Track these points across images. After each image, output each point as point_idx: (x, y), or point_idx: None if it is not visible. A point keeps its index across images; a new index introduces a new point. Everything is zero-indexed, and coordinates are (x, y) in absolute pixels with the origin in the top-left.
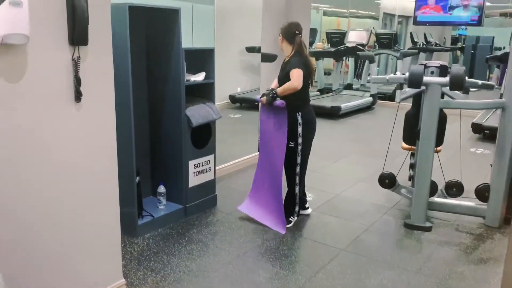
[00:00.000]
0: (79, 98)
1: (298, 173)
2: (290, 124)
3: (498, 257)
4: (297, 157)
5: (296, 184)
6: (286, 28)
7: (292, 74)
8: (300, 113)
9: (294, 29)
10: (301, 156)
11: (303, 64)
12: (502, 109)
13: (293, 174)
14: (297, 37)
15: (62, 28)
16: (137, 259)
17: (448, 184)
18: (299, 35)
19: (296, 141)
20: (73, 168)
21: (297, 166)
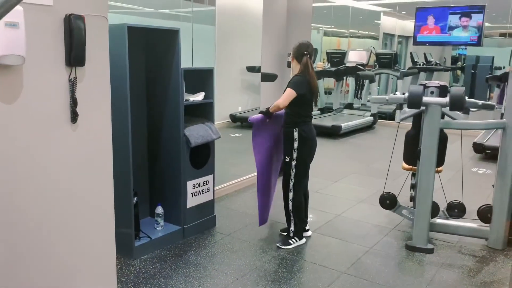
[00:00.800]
0: (75, 118)
1: (291, 189)
2: (287, 139)
3: (502, 280)
4: (291, 172)
5: (289, 200)
6: (296, 48)
7: (284, 93)
8: (297, 129)
9: (303, 50)
10: (295, 172)
11: (302, 84)
12: (503, 129)
13: (287, 189)
14: (304, 57)
15: (59, 49)
16: (133, 281)
17: (450, 205)
18: (307, 55)
19: (291, 156)
20: (69, 189)
21: (290, 182)
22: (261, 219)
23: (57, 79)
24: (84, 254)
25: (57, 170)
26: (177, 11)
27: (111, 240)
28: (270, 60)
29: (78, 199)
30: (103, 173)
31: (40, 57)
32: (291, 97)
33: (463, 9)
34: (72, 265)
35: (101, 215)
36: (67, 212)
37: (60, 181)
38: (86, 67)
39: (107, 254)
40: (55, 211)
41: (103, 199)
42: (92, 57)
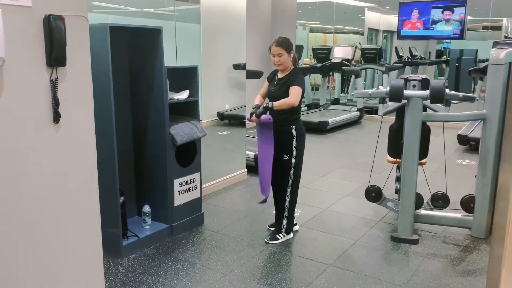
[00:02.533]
0: (57, 119)
1: (289, 186)
2: (285, 137)
3: (485, 268)
4: (290, 170)
5: (287, 196)
6: (288, 42)
7: (293, 91)
8: (294, 126)
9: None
10: (294, 169)
11: (304, 80)
12: (484, 120)
13: (285, 186)
14: (293, 53)
15: (39, 49)
16: (122, 280)
17: (434, 196)
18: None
19: (291, 154)
20: (52, 190)
21: (289, 179)
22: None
23: (38, 80)
24: (70, 255)
25: (40, 171)
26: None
27: (97, 240)
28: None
29: (62, 200)
30: (88, 173)
31: (20, 58)
32: (300, 95)
33: (445, 3)
34: (58, 266)
35: (87, 216)
36: (52, 213)
37: (44, 183)
38: (67, 67)
39: (93, 254)
40: (39, 212)
41: (88, 200)
42: (73, 57)
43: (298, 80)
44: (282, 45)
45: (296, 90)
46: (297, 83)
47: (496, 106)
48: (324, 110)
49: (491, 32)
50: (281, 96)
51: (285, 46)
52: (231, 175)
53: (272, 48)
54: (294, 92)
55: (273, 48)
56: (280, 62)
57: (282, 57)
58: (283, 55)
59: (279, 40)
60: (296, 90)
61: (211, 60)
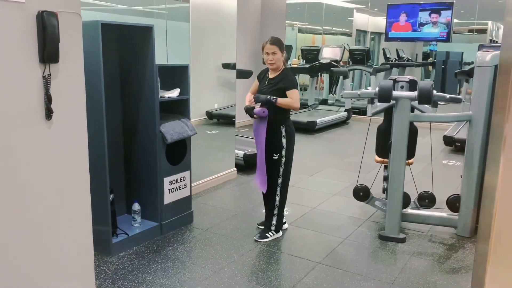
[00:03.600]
0: (50, 115)
1: (279, 185)
2: (274, 136)
3: (470, 265)
4: (280, 169)
5: (277, 195)
6: (282, 42)
7: (293, 96)
8: (284, 126)
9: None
10: (284, 168)
11: (297, 82)
12: (470, 121)
13: (275, 185)
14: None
15: (32, 45)
16: (112, 278)
17: (421, 196)
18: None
19: (280, 153)
20: (44, 186)
21: (279, 178)
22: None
23: (30, 76)
24: (61, 252)
25: (32, 167)
26: (151, 8)
27: (88, 237)
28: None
29: (54, 197)
30: (79, 169)
31: (12, 54)
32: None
33: (432, 6)
34: (49, 263)
35: (78, 212)
36: (43, 209)
37: (36, 179)
38: (60, 64)
39: (84, 251)
40: (30, 208)
41: (80, 196)
42: (66, 54)
43: (293, 83)
44: (276, 43)
45: (296, 95)
46: (294, 86)
47: (482, 108)
48: (312, 110)
49: (476, 35)
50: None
51: (279, 45)
52: (220, 174)
53: (267, 46)
54: (295, 96)
55: (268, 46)
56: (274, 61)
57: (276, 56)
58: (277, 53)
59: (273, 39)
60: (296, 95)
61: (200, 59)
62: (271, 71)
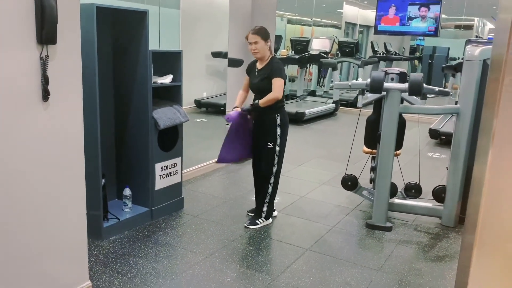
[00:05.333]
0: (46, 97)
1: (273, 173)
2: (269, 125)
3: (453, 254)
4: (275, 158)
5: (270, 184)
6: (265, 31)
7: (275, 84)
8: (279, 114)
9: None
10: (278, 156)
11: (283, 68)
12: (457, 114)
13: (269, 174)
14: (270, 41)
15: (30, 26)
16: (103, 261)
17: (407, 186)
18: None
19: (275, 142)
20: (40, 167)
21: (274, 166)
22: (224, 157)
23: (28, 57)
24: (56, 235)
25: (28, 148)
26: None
27: (82, 219)
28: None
29: (49, 178)
30: (75, 151)
31: (10, 35)
32: (283, 86)
33: (421, 0)
34: (44, 244)
35: (73, 194)
36: (37, 190)
37: (32, 160)
38: (58, 45)
39: (78, 234)
40: (26, 189)
41: (75, 178)
42: (63, 35)
43: (278, 71)
44: (258, 33)
45: (278, 82)
46: (278, 74)
47: (470, 101)
48: (301, 101)
49: (463, 31)
50: (265, 88)
51: (261, 33)
52: (210, 161)
53: (249, 36)
54: (277, 84)
55: (250, 36)
56: (257, 50)
57: (258, 45)
58: (259, 43)
59: (256, 28)
60: (278, 82)
61: (190, 46)
62: (259, 61)
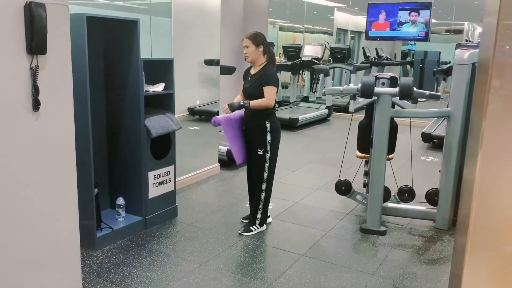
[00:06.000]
0: (37, 107)
1: (265, 180)
2: (259, 132)
3: (447, 257)
4: (265, 164)
5: (262, 191)
6: (257, 36)
7: (268, 91)
8: (269, 121)
9: (268, 43)
10: (269, 163)
11: (277, 76)
12: (448, 117)
13: (260, 180)
14: (270, 50)
15: (20, 36)
16: (97, 271)
17: (401, 190)
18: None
19: (265, 148)
20: (31, 178)
21: (264, 173)
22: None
23: (18, 67)
24: (48, 245)
25: (19, 159)
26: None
27: (75, 230)
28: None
29: (41, 189)
30: (66, 161)
31: (0, 45)
32: (275, 94)
33: (411, 6)
34: (36, 255)
35: (65, 205)
36: (30, 202)
37: (22, 170)
38: (48, 55)
39: (71, 244)
40: (17, 201)
41: (67, 188)
42: (53, 46)
43: (271, 79)
44: (250, 37)
45: (270, 90)
46: (271, 83)
47: (460, 104)
48: (294, 107)
49: (453, 35)
50: (255, 94)
51: (252, 39)
52: (204, 169)
53: (243, 40)
54: (269, 92)
55: (243, 40)
56: (248, 54)
57: (249, 49)
58: (250, 47)
59: (250, 33)
60: (270, 90)
61: (182, 55)
62: (253, 67)
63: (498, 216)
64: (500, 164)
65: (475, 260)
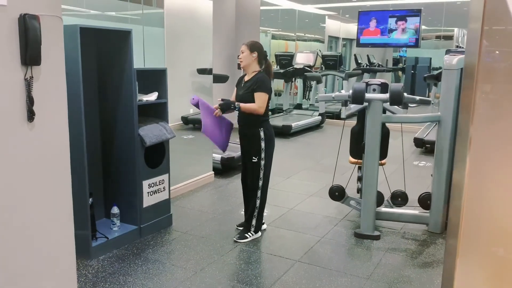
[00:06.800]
0: (32, 117)
1: (260, 187)
2: (253, 140)
3: (441, 260)
4: (260, 172)
5: (257, 198)
6: (254, 45)
7: (258, 98)
8: (262, 128)
9: (264, 52)
10: (263, 170)
11: (269, 84)
12: (438, 122)
13: (256, 188)
14: (267, 61)
15: (14, 48)
16: (92, 281)
17: (394, 195)
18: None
19: (260, 156)
20: (26, 188)
21: (259, 180)
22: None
23: (13, 78)
24: (43, 256)
25: (13, 170)
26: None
27: (70, 239)
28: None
29: (36, 199)
30: (61, 171)
31: None
32: (267, 101)
33: (401, 13)
34: (31, 265)
35: (60, 215)
36: (24, 212)
37: (17, 181)
38: (42, 66)
39: (66, 254)
40: (11, 212)
41: (61, 199)
42: (47, 57)
43: (263, 85)
44: (247, 44)
45: (261, 97)
46: (262, 89)
47: (450, 109)
48: (287, 114)
49: (443, 41)
50: (248, 100)
51: (248, 44)
52: (198, 177)
53: (241, 47)
54: (259, 99)
55: (241, 47)
56: (242, 59)
57: (243, 54)
58: (244, 52)
59: (248, 41)
60: (261, 97)
61: (175, 64)
62: (247, 73)
63: (487, 219)
64: (488, 168)
65: (466, 262)
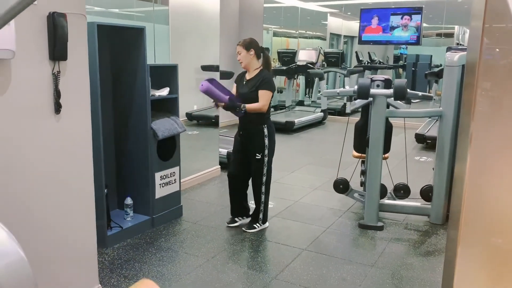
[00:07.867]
0: (58, 110)
1: (264, 183)
2: (257, 137)
3: (442, 249)
4: (264, 168)
5: (262, 193)
6: (256, 43)
7: (263, 96)
8: (266, 125)
9: (261, 48)
10: (267, 167)
11: (273, 81)
12: (440, 117)
13: (260, 184)
14: (263, 54)
15: (43, 44)
16: (109, 267)
17: (396, 187)
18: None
19: (263, 152)
20: (52, 177)
21: (263, 176)
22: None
23: (42, 73)
24: (67, 242)
25: (42, 159)
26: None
27: (92, 225)
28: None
29: (61, 186)
30: (84, 161)
31: (26, 52)
32: (270, 99)
33: (403, 10)
34: (56, 251)
35: (83, 202)
36: (50, 200)
37: (45, 170)
38: (68, 61)
39: (88, 241)
40: (39, 199)
41: (85, 186)
42: (73, 52)
43: (268, 83)
44: (241, 43)
45: (266, 95)
46: (267, 87)
47: (451, 104)
48: (289, 111)
49: (444, 39)
50: (252, 98)
51: (244, 44)
52: (205, 171)
53: (236, 48)
54: (263, 97)
55: (236, 48)
56: (241, 60)
57: (241, 55)
58: (241, 52)
59: (241, 40)
60: (266, 95)
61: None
62: (248, 72)
63: (487, 211)
64: (488, 162)
65: (467, 251)
